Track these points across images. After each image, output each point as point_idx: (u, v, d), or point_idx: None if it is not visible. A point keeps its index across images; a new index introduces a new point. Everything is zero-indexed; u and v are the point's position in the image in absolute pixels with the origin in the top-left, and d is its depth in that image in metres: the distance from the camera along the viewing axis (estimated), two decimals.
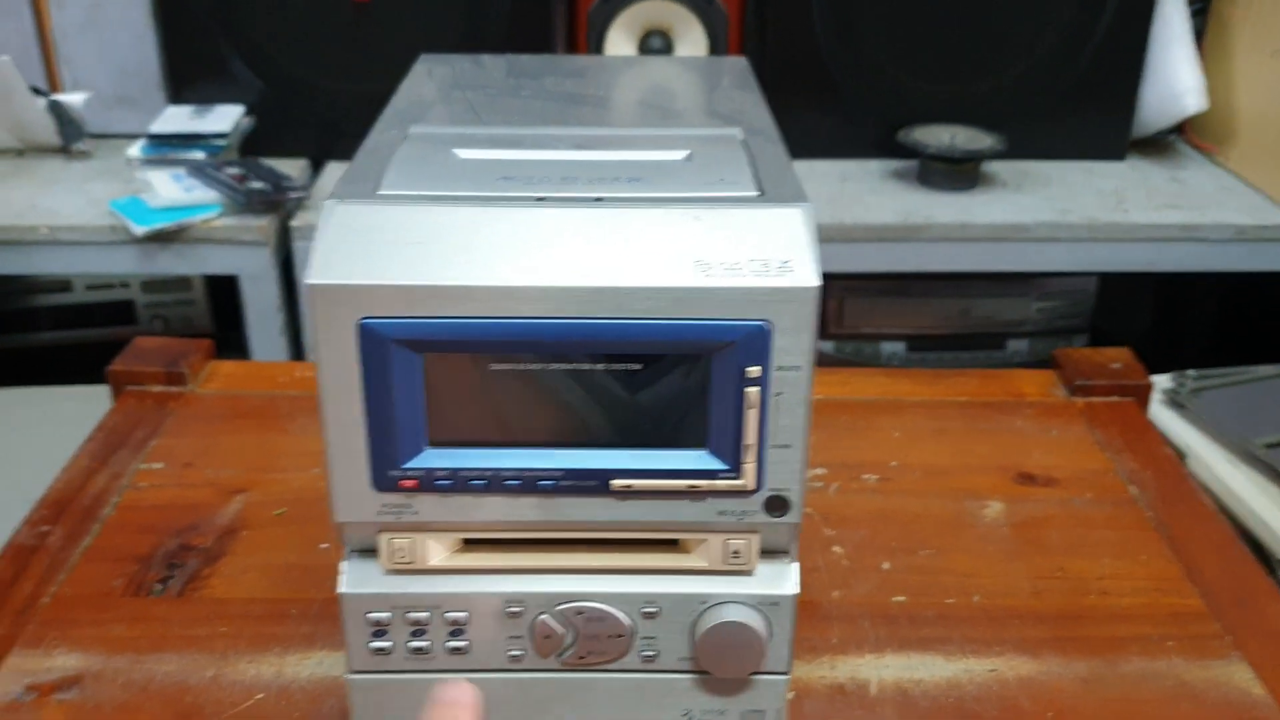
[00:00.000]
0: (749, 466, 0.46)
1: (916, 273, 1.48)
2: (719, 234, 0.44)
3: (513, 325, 0.44)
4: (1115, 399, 0.91)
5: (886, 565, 0.73)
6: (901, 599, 0.70)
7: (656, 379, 0.45)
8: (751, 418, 0.45)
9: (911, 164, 1.50)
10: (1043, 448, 0.85)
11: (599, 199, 0.46)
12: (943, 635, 0.67)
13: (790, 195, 0.46)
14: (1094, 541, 0.75)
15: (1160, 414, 1.21)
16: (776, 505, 0.47)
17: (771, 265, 0.44)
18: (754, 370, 0.44)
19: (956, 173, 1.46)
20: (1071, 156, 1.57)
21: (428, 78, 0.63)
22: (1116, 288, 1.68)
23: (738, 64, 0.67)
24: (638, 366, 0.45)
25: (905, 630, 0.67)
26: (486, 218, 0.45)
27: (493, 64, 0.66)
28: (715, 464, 0.46)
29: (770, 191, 0.47)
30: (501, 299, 0.44)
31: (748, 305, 0.43)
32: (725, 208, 0.45)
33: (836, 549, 0.74)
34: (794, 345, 0.44)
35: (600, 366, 0.45)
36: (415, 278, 0.43)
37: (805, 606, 0.66)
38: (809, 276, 0.44)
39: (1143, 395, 0.92)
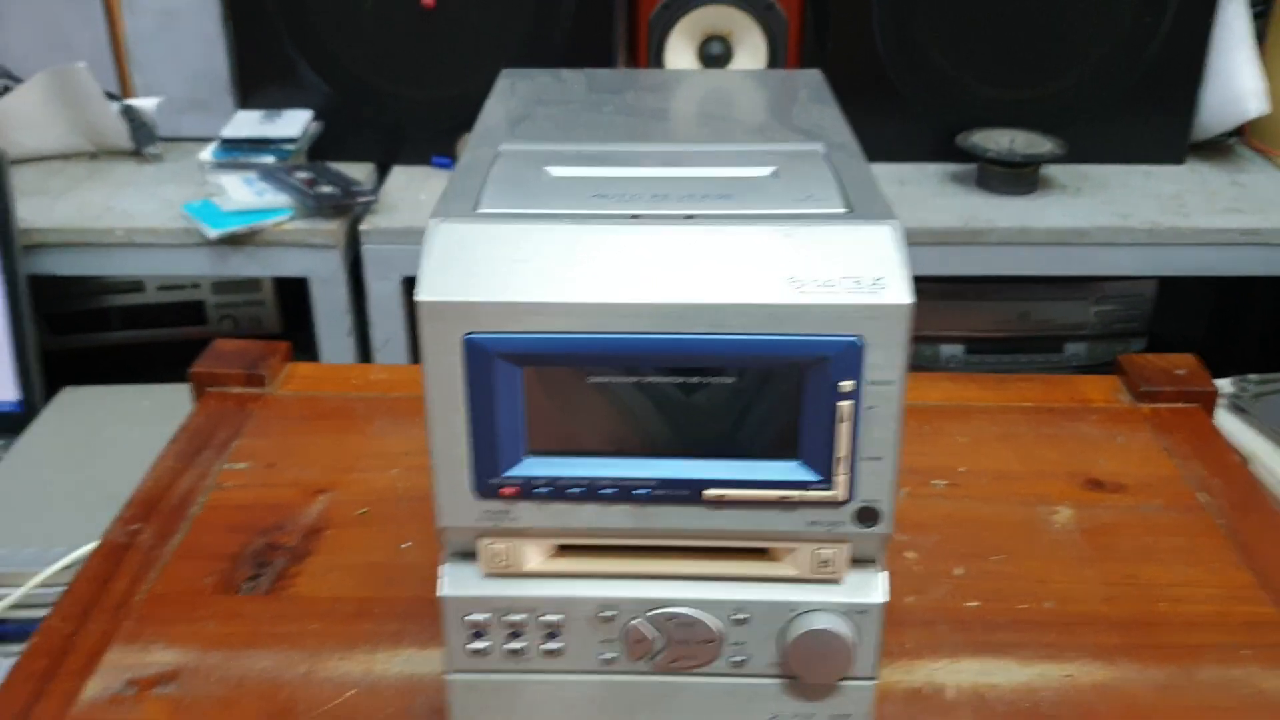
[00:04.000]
0: (841, 478, 0.47)
1: (975, 276, 1.48)
2: (810, 250, 0.46)
3: (611, 340, 0.45)
4: (1181, 405, 0.91)
5: (959, 571, 0.73)
6: (974, 604, 0.71)
7: (750, 392, 0.46)
8: (844, 430, 0.46)
9: (970, 168, 1.50)
10: (1110, 454, 0.85)
11: (690, 216, 0.47)
12: (1017, 640, 0.68)
13: (879, 212, 0.47)
14: (1164, 549, 0.75)
15: (1222, 419, 1.21)
16: (867, 516, 0.48)
17: (864, 282, 0.45)
18: (847, 385, 0.45)
19: (1016, 177, 1.46)
20: (1131, 160, 1.56)
21: (511, 94, 0.65)
22: (1175, 292, 1.67)
23: (813, 77, 0.68)
24: (731, 380, 0.46)
25: (979, 635, 0.68)
26: (583, 235, 0.46)
27: (573, 79, 0.68)
28: (808, 475, 0.47)
29: (858, 208, 0.48)
30: (600, 315, 0.45)
31: (841, 321, 0.45)
32: (815, 224, 0.46)
33: (909, 554, 0.75)
34: (886, 360, 0.45)
35: (695, 380, 0.46)
36: (518, 294, 0.45)
37: None
38: (902, 294, 0.45)
39: (1208, 402, 0.92)
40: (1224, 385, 1.23)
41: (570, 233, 0.46)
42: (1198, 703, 0.63)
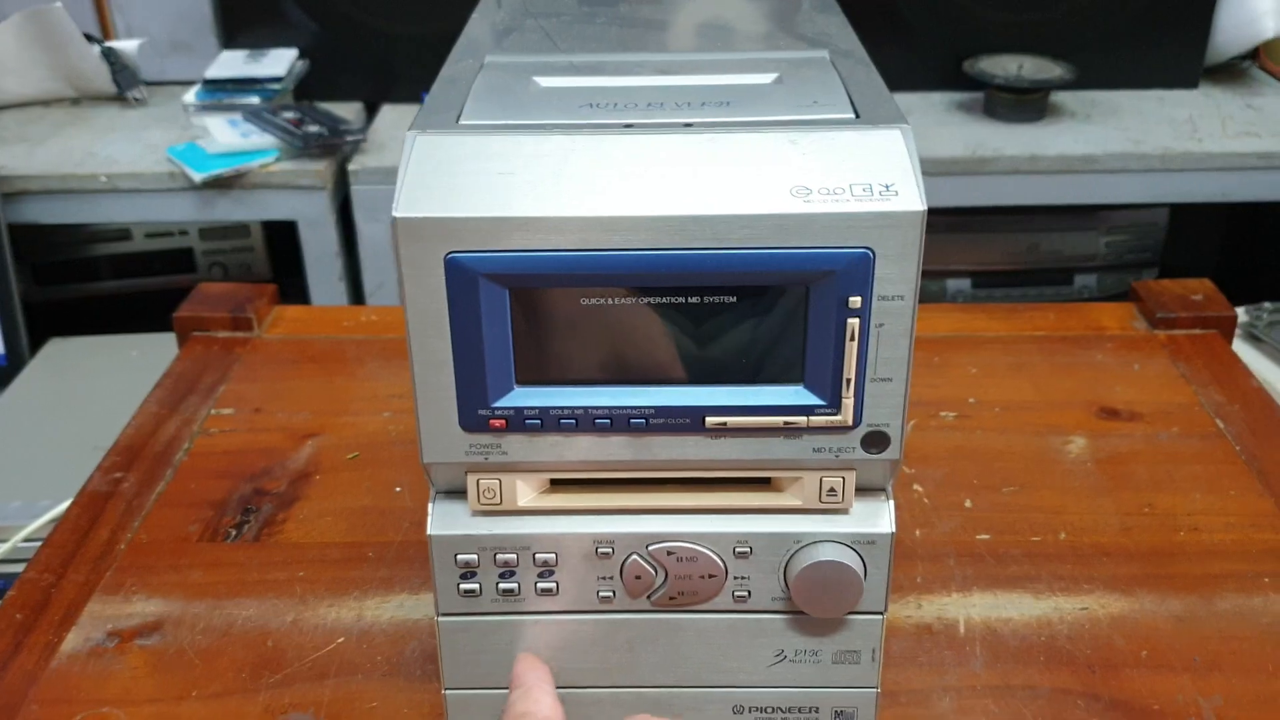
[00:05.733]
0: (848, 401, 0.44)
1: (982, 207, 1.45)
2: (817, 158, 0.43)
3: (604, 258, 0.42)
4: (1198, 331, 0.89)
5: (969, 503, 0.71)
6: (986, 537, 0.68)
7: (752, 311, 0.43)
8: (852, 350, 0.43)
9: (977, 95, 1.46)
10: (1125, 382, 0.83)
11: (689, 124, 0.44)
12: (1030, 573, 0.66)
13: (889, 116, 0.44)
14: (1182, 477, 0.73)
15: (1236, 348, 1.18)
16: (875, 441, 0.46)
17: (874, 189, 0.42)
18: (855, 300, 0.43)
19: (1024, 103, 1.42)
20: (1143, 85, 1.52)
21: (497, 7, 0.62)
22: (1186, 221, 1.64)
23: None
24: (733, 299, 0.43)
25: (991, 568, 0.66)
26: (574, 146, 0.43)
27: None
28: (812, 399, 0.45)
29: (866, 113, 0.45)
30: (592, 230, 0.42)
31: (850, 232, 0.42)
32: (822, 130, 0.43)
33: (916, 487, 0.72)
34: (898, 274, 0.42)
35: (694, 300, 0.43)
36: (503, 209, 0.42)
37: None
38: (914, 200, 0.42)
39: (1227, 327, 0.90)
40: (1238, 314, 1.20)
41: (559, 143, 0.43)
42: (1218, 632, 0.61)
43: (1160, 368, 0.84)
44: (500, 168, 0.43)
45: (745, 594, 0.49)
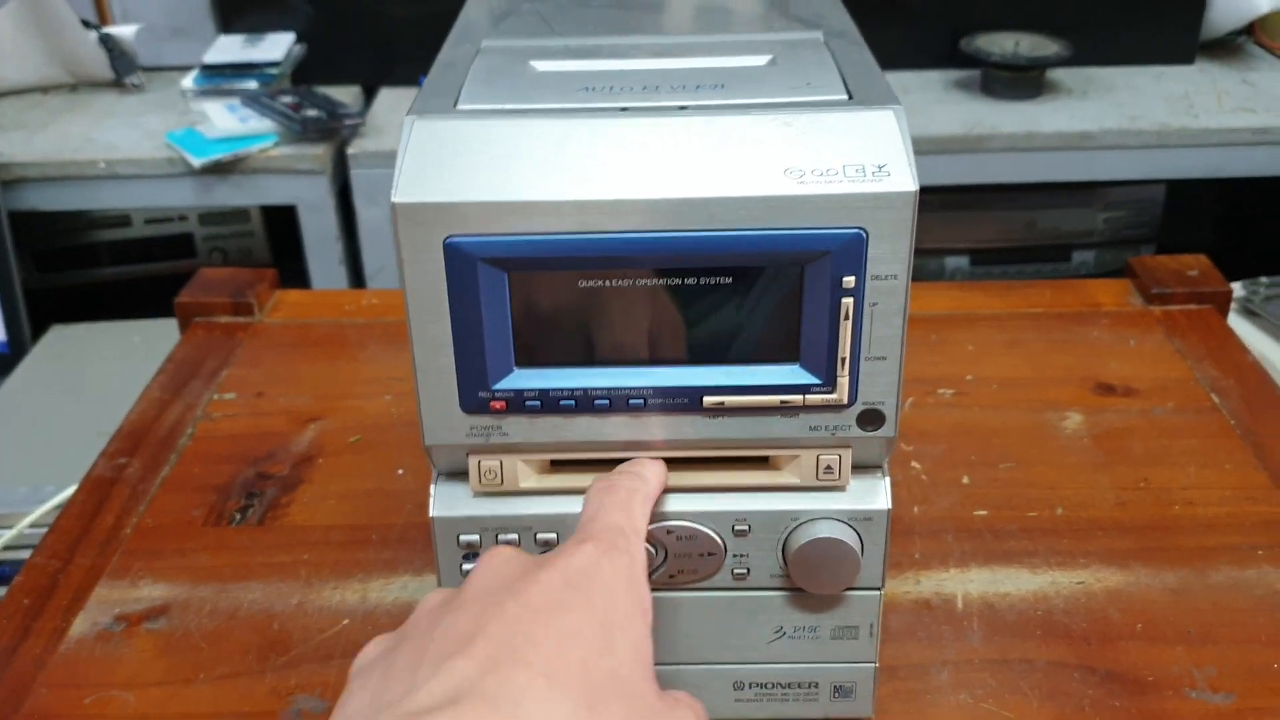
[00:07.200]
0: (843, 380, 0.45)
1: (980, 185, 1.45)
2: (810, 139, 0.43)
3: (601, 240, 0.43)
4: (1194, 306, 0.89)
5: (966, 479, 0.72)
6: (983, 513, 0.69)
7: (748, 292, 0.44)
8: (846, 329, 0.44)
9: (974, 73, 1.47)
10: (1121, 358, 0.83)
11: (684, 107, 0.45)
12: (1027, 548, 0.66)
13: (881, 97, 0.45)
14: (1177, 451, 0.74)
15: (1232, 322, 1.18)
16: (871, 419, 0.46)
17: (867, 170, 0.42)
18: (849, 280, 0.43)
19: (1021, 81, 1.42)
20: (1139, 61, 1.52)
21: None
22: (1183, 197, 1.64)
23: None
24: (728, 280, 0.44)
25: (989, 544, 0.67)
26: (570, 130, 0.43)
27: None
28: (808, 378, 0.45)
29: (859, 94, 0.45)
30: (589, 213, 0.42)
31: (843, 212, 0.42)
32: (815, 112, 0.44)
33: (914, 464, 0.73)
34: (891, 253, 0.43)
35: (690, 281, 0.44)
36: (501, 193, 0.42)
37: None
38: (906, 180, 0.42)
39: (1222, 302, 0.90)
40: (1234, 289, 1.21)
41: (556, 127, 0.44)
42: (1212, 604, 0.62)
43: (1156, 343, 0.85)
44: (498, 151, 0.43)
45: (744, 571, 0.50)
